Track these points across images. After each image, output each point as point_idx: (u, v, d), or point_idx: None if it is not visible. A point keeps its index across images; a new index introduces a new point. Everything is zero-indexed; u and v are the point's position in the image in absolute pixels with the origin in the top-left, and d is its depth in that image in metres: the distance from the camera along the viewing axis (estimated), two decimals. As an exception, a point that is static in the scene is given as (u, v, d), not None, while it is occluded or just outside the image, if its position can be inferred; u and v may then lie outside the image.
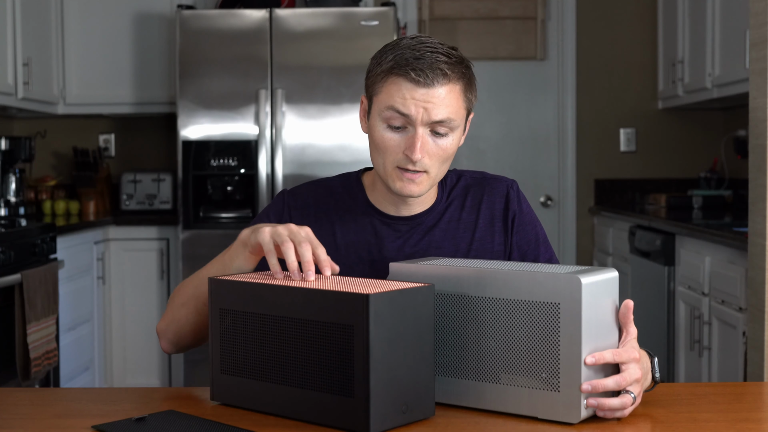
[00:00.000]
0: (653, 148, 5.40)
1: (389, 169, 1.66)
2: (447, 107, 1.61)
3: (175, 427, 1.37)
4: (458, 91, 1.63)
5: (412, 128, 1.62)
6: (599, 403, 1.37)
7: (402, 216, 1.75)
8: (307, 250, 1.47)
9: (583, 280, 1.36)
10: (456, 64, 1.63)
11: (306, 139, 4.37)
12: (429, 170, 1.65)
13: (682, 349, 3.85)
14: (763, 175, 2.50)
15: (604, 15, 5.37)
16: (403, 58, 1.61)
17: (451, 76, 1.61)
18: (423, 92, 1.60)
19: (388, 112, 1.62)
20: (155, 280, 4.62)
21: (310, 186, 1.82)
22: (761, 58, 2.52)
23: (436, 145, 1.64)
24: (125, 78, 4.87)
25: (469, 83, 1.66)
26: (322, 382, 1.36)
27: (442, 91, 1.60)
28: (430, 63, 1.60)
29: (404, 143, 1.63)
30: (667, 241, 3.99)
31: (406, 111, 1.61)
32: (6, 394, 1.64)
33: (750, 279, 2.59)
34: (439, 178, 1.69)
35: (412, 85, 1.60)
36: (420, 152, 1.61)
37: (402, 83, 1.61)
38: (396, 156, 1.64)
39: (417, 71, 1.59)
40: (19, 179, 4.56)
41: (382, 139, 1.65)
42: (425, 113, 1.60)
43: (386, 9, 4.37)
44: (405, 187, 1.65)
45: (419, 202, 1.75)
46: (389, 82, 1.62)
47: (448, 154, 1.66)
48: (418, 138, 1.61)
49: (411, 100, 1.60)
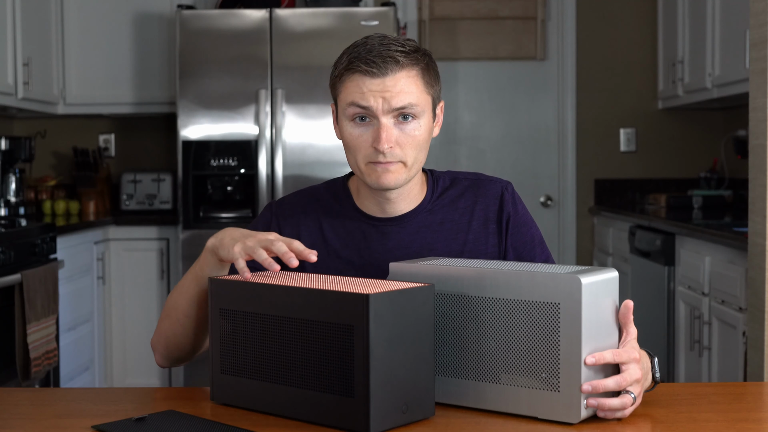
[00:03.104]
0: (653, 148, 5.40)
1: (362, 166, 1.67)
2: (406, 93, 1.62)
3: (175, 427, 1.37)
4: (415, 76, 1.64)
5: (376, 120, 1.63)
6: (599, 404, 1.37)
7: (388, 217, 1.74)
8: (282, 246, 1.49)
9: (583, 280, 1.36)
10: (410, 52, 1.65)
11: (306, 139, 4.38)
12: (403, 159, 1.65)
13: (682, 349, 3.85)
14: (763, 175, 2.50)
15: (604, 15, 5.37)
16: (355, 55, 1.64)
17: (405, 62, 1.63)
18: (378, 82, 1.62)
19: (350, 109, 1.64)
20: (155, 280, 4.62)
21: (296, 195, 1.83)
22: (761, 58, 2.52)
23: (403, 133, 1.64)
24: (125, 78, 4.87)
25: (427, 68, 1.67)
26: (322, 382, 1.36)
27: (398, 78, 1.62)
28: (380, 53, 1.62)
29: (371, 137, 1.64)
30: (667, 241, 3.99)
31: (365, 103, 1.62)
32: (6, 394, 1.64)
33: (750, 279, 2.59)
34: (415, 168, 1.68)
35: (367, 78, 1.62)
36: (386, 142, 1.62)
37: (357, 78, 1.63)
38: (366, 151, 1.65)
39: (368, 63, 1.62)
40: (19, 179, 4.56)
41: (350, 137, 1.66)
42: (384, 102, 1.62)
43: (386, 9, 4.37)
44: (380, 178, 1.65)
45: (404, 199, 1.73)
46: (346, 81, 1.65)
47: (418, 141, 1.66)
48: (383, 129, 1.62)
49: (368, 92, 1.62)
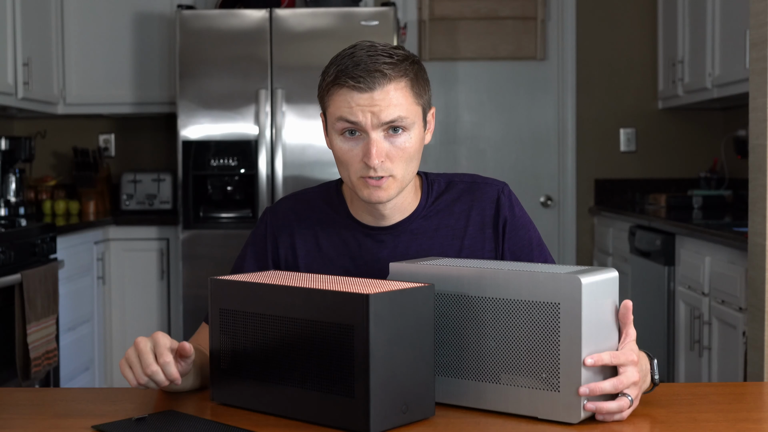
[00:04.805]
0: (653, 148, 5.40)
1: (354, 180, 1.65)
2: (395, 107, 1.60)
3: (175, 427, 1.37)
4: (404, 88, 1.62)
5: (366, 135, 1.61)
6: (597, 407, 1.37)
7: (383, 226, 1.73)
8: (148, 365, 1.45)
9: (583, 280, 1.36)
10: (398, 62, 1.61)
11: (306, 139, 4.37)
12: (394, 173, 1.63)
13: (682, 349, 3.85)
14: (763, 175, 2.50)
15: (604, 15, 5.37)
16: (342, 68, 1.61)
17: (392, 75, 1.60)
18: (366, 97, 1.59)
19: (339, 123, 1.62)
20: (155, 280, 4.62)
21: (291, 200, 1.82)
22: (761, 58, 2.52)
23: (394, 146, 1.62)
24: (125, 78, 4.87)
25: (416, 78, 1.64)
26: (322, 382, 1.36)
27: (386, 91, 1.59)
28: (367, 67, 1.59)
29: (361, 152, 1.62)
30: (667, 241, 4.00)
31: (354, 119, 1.60)
32: (6, 394, 1.64)
33: (750, 279, 2.59)
34: (407, 179, 1.66)
35: (355, 93, 1.59)
36: (377, 157, 1.60)
37: (345, 93, 1.60)
38: (356, 166, 1.63)
39: (356, 78, 1.59)
40: (19, 179, 4.56)
41: (341, 152, 1.64)
42: (373, 117, 1.59)
43: (386, 9, 4.37)
44: (372, 194, 1.64)
45: (398, 209, 1.72)
46: (334, 94, 1.62)
47: (409, 153, 1.64)
48: (373, 144, 1.60)
49: (357, 107, 1.59)
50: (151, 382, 1.47)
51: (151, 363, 1.45)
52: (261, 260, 1.79)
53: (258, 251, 1.79)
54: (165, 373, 1.46)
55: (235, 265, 1.82)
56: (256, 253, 1.80)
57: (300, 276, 1.52)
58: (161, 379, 1.46)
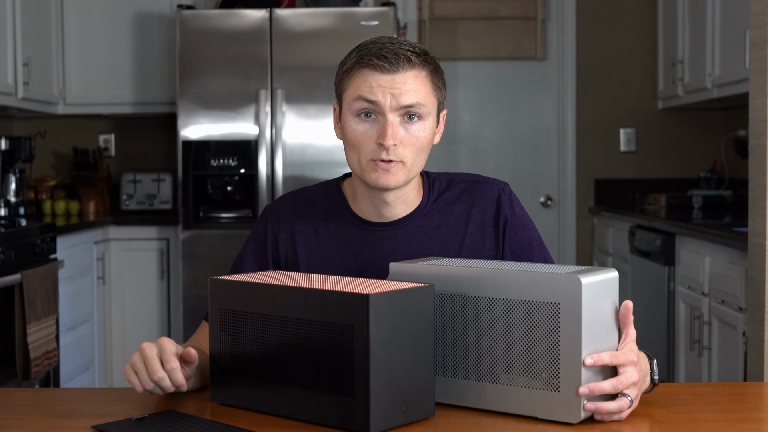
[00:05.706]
0: (653, 148, 5.40)
1: (364, 162, 1.65)
2: (415, 92, 1.62)
3: (175, 427, 1.37)
4: (425, 77, 1.64)
5: (382, 116, 1.62)
6: (597, 407, 1.37)
7: (385, 222, 1.73)
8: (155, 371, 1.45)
9: (583, 280, 1.36)
10: (420, 54, 1.65)
11: (306, 139, 4.38)
12: (404, 160, 1.64)
13: (682, 349, 3.85)
14: (763, 175, 2.50)
15: (604, 15, 5.37)
16: (365, 51, 1.63)
17: (416, 62, 1.63)
18: (389, 78, 1.61)
19: (357, 103, 1.63)
20: (155, 280, 4.62)
21: (291, 197, 1.82)
22: (761, 58, 2.52)
23: (408, 133, 1.64)
24: (125, 78, 4.87)
25: (435, 72, 1.67)
26: (322, 382, 1.36)
27: (407, 76, 1.62)
28: (392, 50, 1.62)
29: (376, 133, 1.63)
30: (667, 241, 4.00)
31: (373, 98, 1.61)
32: (6, 394, 1.64)
33: (750, 279, 2.59)
34: (415, 170, 1.67)
35: (378, 73, 1.61)
36: (392, 138, 1.61)
37: (367, 73, 1.62)
38: (369, 148, 1.64)
39: (381, 58, 1.61)
40: (19, 179, 4.56)
41: (354, 134, 1.65)
42: (393, 99, 1.61)
43: (386, 9, 4.37)
44: (380, 177, 1.64)
45: (401, 202, 1.72)
46: (355, 76, 1.64)
47: (421, 143, 1.65)
48: (389, 124, 1.61)
49: (378, 87, 1.61)
50: (156, 388, 1.47)
51: (158, 369, 1.45)
52: (261, 257, 1.79)
53: (258, 248, 1.80)
54: (171, 379, 1.46)
55: (236, 263, 1.82)
56: (256, 250, 1.80)
57: (300, 276, 1.52)
58: (167, 386, 1.46)
